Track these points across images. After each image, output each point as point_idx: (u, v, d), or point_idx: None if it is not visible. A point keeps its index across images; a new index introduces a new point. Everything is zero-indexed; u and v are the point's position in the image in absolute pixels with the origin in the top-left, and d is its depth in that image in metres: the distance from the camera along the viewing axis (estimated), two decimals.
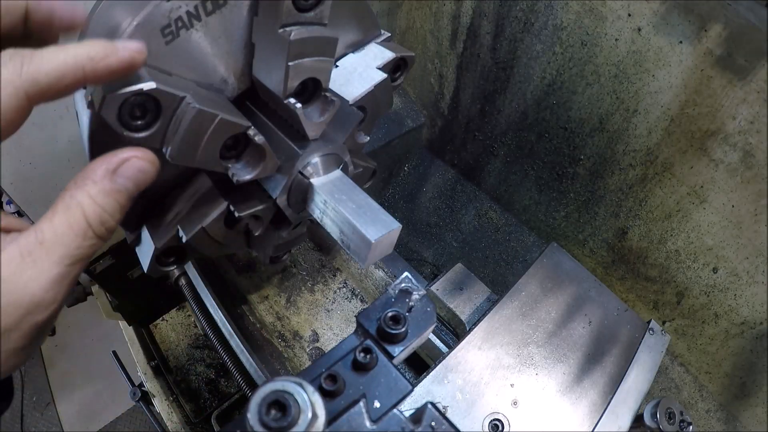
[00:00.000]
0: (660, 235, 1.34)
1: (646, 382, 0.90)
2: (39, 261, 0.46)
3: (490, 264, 1.75)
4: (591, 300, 0.98)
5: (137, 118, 0.54)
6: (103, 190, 0.49)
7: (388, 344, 0.59)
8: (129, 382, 1.44)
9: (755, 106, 1.02)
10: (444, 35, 1.59)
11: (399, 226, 0.65)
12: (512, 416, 0.81)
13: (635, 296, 1.47)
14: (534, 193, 1.63)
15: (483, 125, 1.66)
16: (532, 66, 1.39)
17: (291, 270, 1.27)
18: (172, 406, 1.32)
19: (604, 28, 1.19)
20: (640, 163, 1.29)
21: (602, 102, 1.29)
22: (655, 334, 0.97)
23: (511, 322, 0.92)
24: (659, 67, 1.14)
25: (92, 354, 3.28)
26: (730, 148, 1.10)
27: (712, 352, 1.33)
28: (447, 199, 1.88)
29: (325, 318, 1.21)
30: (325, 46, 0.63)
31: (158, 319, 1.49)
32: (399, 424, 0.53)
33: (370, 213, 0.65)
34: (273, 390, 0.44)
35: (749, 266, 1.19)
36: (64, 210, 0.48)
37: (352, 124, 0.74)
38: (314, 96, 0.68)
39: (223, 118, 0.59)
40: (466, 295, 1.07)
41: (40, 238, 0.47)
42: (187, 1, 0.57)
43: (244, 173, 0.67)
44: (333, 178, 0.70)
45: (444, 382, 0.83)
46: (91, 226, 0.48)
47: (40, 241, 0.46)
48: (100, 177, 0.49)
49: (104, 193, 0.49)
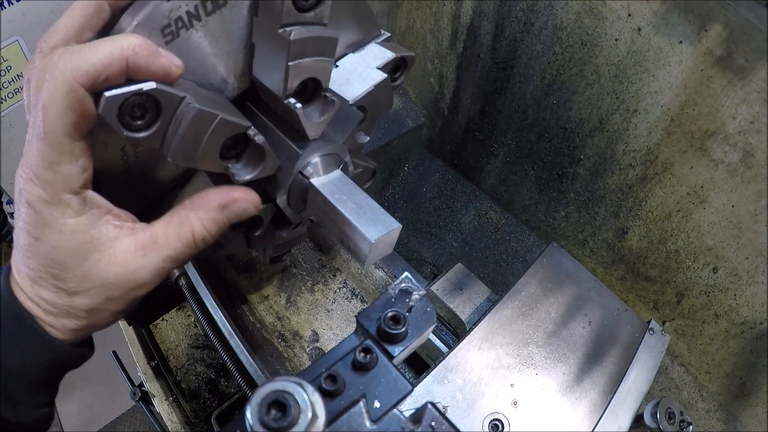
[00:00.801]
0: (660, 235, 1.34)
1: (646, 382, 0.90)
2: (149, 255, 0.60)
3: (490, 264, 1.75)
4: (591, 300, 0.98)
5: (137, 118, 0.54)
6: (212, 219, 0.63)
7: (388, 344, 0.59)
8: (129, 382, 1.44)
9: (755, 106, 1.02)
10: (444, 35, 1.59)
11: (399, 226, 0.65)
12: (512, 416, 0.81)
13: (635, 296, 1.47)
14: (534, 193, 1.63)
15: (483, 125, 1.66)
16: (532, 66, 1.39)
17: (291, 270, 1.27)
18: (172, 406, 1.32)
19: (604, 28, 1.19)
20: (640, 163, 1.29)
21: (602, 102, 1.29)
22: (655, 334, 0.97)
23: (511, 322, 0.92)
24: (659, 67, 1.14)
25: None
26: (730, 148, 1.10)
27: (712, 352, 1.33)
28: (447, 199, 1.88)
29: (325, 318, 1.21)
30: (325, 46, 0.63)
31: (158, 319, 1.49)
32: (399, 424, 0.53)
33: (370, 213, 0.65)
34: (273, 390, 0.44)
35: (749, 266, 1.19)
36: (178, 224, 0.62)
37: (352, 124, 0.74)
38: (314, 96, 0.68)
39: (223, 118, 0.59)
40: (466, 295, 1.07)
41: (154, 239, 0.61)
42: (187, 1, 0.57)
43: (244, 173, 0.67)
44: (333, 178, 0.70)
45: (444, 382, 0.83)
46: (195, 241, 0.63)
47: (154, 241, 0.61)
48: (212, 207, 0.63)
49: (213, 221, 0.63)
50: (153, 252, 0.61)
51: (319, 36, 0.62)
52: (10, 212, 1.61)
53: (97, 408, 3.13)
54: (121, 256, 0.59)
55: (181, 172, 0.73)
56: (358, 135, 0.83)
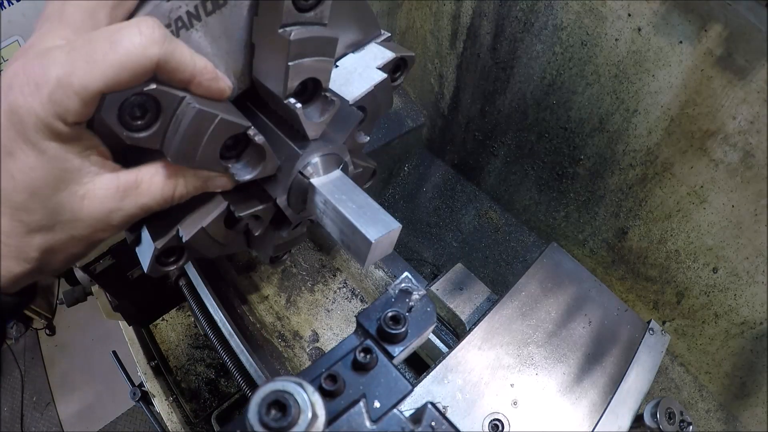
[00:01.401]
0: (660, 235, 1.34)
1: (646, 382, 0.90)
2: (128, 199, 0.58)
3: (490, 264, 1.75)
4: (591, 300, 0.98)
5: (137, 118, 0.54)
6: (196, 184, 0.64)
7: (388, 344, 0.59)
8: (129, 382, 1.44)
9: (755, 106, 1.02)
10: (444, 35, 1.59)
11: (399, 226, 0.65)
12: (512, 416, 0.81)
13: (635, 296, 1.47)
14: (534, 193, 1.63)
15: (483, 125, 1.66)
16: (532, 66, 1.39)
17: (291, 270, 1.27)
18: (172, 406, 1.32)
19: (604, 28, 1.19)
20: (640, 163, 1.29)
21: (602, 102, 1.29)
22: (655, 334, 0.97)
23: (511, 322, 0.92)
24: (659, 67, 1.14)
25: (92, 354, 3.28)
26: (730, 148, 1.10)
27: (712, 352, 1.33)
28: (447, 199, 1.88)
29: (325, 318, 1.21)
30: (325, 46, 0.63)
31: (158, 319, 1.49)
32: (399, 424, 0.53)
33: (370, 213, 0.65)
34: (273, 390, 0.44)
35: (749, 266, 1.19)
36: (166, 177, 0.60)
37: (352, 124, 0.74)
38: (314, 96, 0.68)
39: (223, 118, 0.59)
40: (466, 295, 1.07)
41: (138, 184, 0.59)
42: (187, 1, 0.57)
43: (244, 173, 0.67)
44: (333, 178, 0.70)
45: (444, 382, 0.83)
46: (173, 198, 0.62)
47: (137, 186, 0.58)
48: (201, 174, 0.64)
49: (195, 187, 0.64)
50: (133, 197, 0.58)
51: (319, 36, 0.62)
52: None
53: (97, 408, 3.13)
54: (99, 193, 0.55)
55: None
56: (358, 135, 0.83)
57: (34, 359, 3.33)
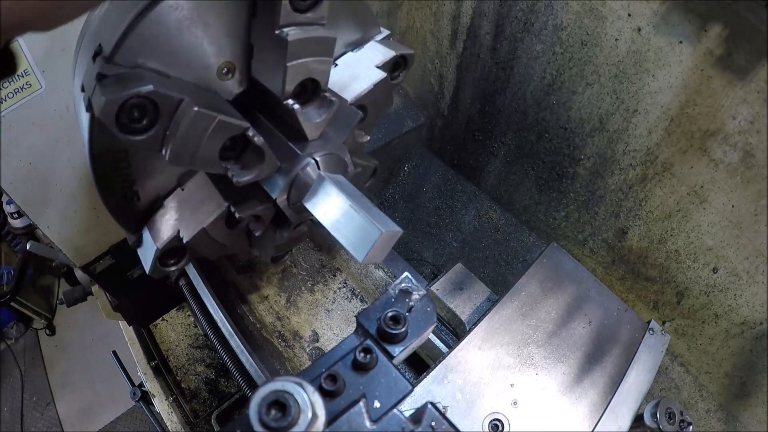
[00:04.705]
0: (660, 235, 1.34)
1: (646, 382, 0.90)
2: None
3: (490, 264, 1.75)
4: (591, 300, 0.98)
5: (136, 120, 0.54)
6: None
7: (388, 344, 0.59)
8: (129, 382, 1.44)
9: (755, 106, 1.02)
10: (444, 35, 1.59)
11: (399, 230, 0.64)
12: (512, 416, 0.81)
13: (635, 296, 1.47)
14: (534, 193, 1.63)
15: (483, 125, 1.66)
16: (532, 66, 1.39)
17: (291, 270, 1.27)
18: (172, 406, 1.32)
19: (604, 28, 1.19)
20: (640, 163, 1.29)
21: (602, 102, 1.29)
22: (655, 334, 0.97)
23: (511, 322, 0.92)
24: (659, 67, 1.14)
25: (92, 354, 3.28)
26: (730, 148, 1.10)
27: (712, 352, 1.33)
28: (447, 199, 1.88)
29: (325, 318, 1.21)
30: (323, 46, 0.63)
31: (158, 319, 1.49)
32: (399, 424, 0.53)
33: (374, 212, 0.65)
34: (273, 390, 0.44)
35: (749, 266, 1.19)
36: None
37: (351, 123, 0.74)
38: (313, 96, 0.68)
39: (222, 119, 0.59)
40: (466, 295, 1.07)
41: None
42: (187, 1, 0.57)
43: (244, 174, 0.66)
44: (333, 178, 0.70)
45: (444, 382, 0.83)
46: None
47: None
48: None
49: None
50: None
51: (317, 36, 0.62)
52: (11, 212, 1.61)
53: (97, 408, 3.13)
54: None
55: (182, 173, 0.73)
56: (358, 134, 0.83)
57: (34, 359, 3.33)
